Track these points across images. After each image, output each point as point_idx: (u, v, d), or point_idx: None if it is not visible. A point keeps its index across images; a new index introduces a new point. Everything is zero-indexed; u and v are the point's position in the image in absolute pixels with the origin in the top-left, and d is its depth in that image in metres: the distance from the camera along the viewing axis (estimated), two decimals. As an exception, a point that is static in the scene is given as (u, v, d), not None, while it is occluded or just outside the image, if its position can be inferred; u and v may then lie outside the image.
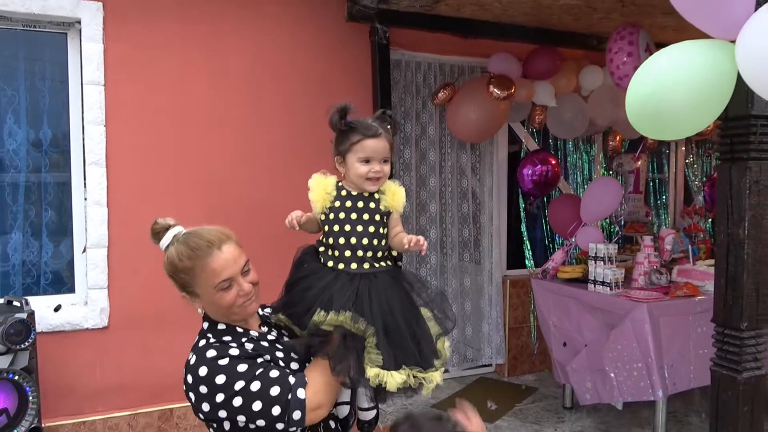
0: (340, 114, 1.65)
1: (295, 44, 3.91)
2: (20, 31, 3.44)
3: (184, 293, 1.55)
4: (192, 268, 1.50)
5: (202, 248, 1.51)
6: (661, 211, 5.81)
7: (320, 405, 1.47)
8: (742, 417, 2.05)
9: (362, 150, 1.64)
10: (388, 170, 1.68)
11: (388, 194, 1.70)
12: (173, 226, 1.57)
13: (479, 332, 4.82)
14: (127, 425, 3.55)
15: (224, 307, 1.52)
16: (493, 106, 4.15)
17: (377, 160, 1.65)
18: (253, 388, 1.42)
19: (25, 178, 3.53)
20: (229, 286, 1.51)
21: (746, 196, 1.99)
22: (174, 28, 3.59)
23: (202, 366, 1.44)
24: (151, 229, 1.58)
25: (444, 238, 4.63)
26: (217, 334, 1.55)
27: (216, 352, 1.46)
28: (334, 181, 1.71)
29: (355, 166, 1.65)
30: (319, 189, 1.67)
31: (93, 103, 3.42)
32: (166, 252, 1.55)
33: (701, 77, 1.76)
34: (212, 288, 1.50)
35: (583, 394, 3.66)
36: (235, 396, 1.41)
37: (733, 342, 2.09)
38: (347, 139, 1.66)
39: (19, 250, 3.54)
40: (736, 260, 2.04)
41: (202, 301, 1.54)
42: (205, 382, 1.43)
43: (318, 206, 1.67)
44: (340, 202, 1.67)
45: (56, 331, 3.38)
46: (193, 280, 1.51)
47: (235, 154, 3.77)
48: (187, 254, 1.51)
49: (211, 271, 1.49)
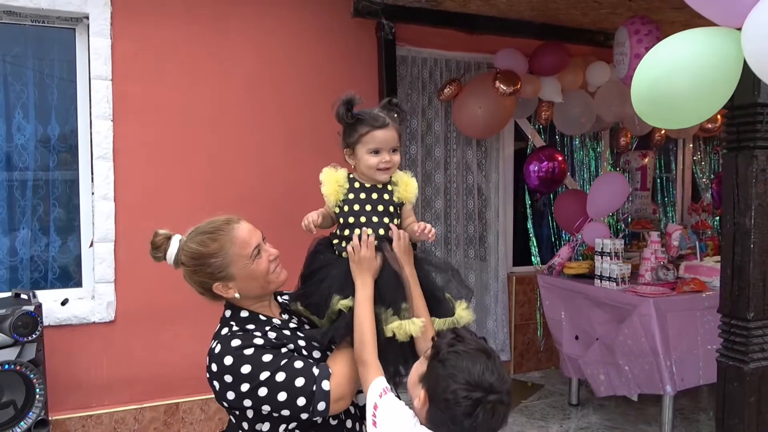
0: (346, 106, 1.64)
1: (300, 40, 3.92)
2: (29, 27, 3.46)
3: (216, 282, 1.52)
4: (222, 248, 1.50)
5: (222, 227, 1.52)
6: (669, 208, 5.78)
7: (343, 396, 1.49)
8: (748, 408, 2.04)
9: (372, 141, 1.64)
10: (397, 160, 1.69)
11: (400, 185, 1.71)
12: (173, 235, 1.57)
13: (484, 329, 4.80)
14: (133, 419, 3.56)
15: (262, 275, 1.54)
16: (499, 101, 4.14)
17: (386, 150, 1.65)
18: (278, 378, 1.42)
19: (33, 173, 3.55)
20: (259, 253, 1.54)
21: (753, 184, 1.97)
22: (181, 23, 3.61)
23: (228, 355, 1.44)
24: (152, 243, 1.56)
25: (449, 234, 4.62)
26: (240, 322, 1.55)
27: (240, 341, 1.46)
28: (345, 173, 1.71)
29: (365, 158, 1.65)
30: (331, 182, 1.68)
31: (100, 97, 3.44)
32: (179, 256, 1.53)
33: (707, 65, 1.76)
34: (247, 259, 1.51)
35: (598, 387, 3.65)
36: (260, 386, 1.42)
37: (740, 332, 2.07)
38: (355, 131, 1.66)
39: (27, 244, 3.56)
40: (742, 250, 2.02)
41: (238, 281, 1.53)
42: (230, 371, 1.43)
43: (332, 200, 1.67)
44: (354, 194, 1.67)
45: (63, 325, 3.40)
46: (225, 259, 1.51)
47: (241, 148, 3.78)
48: (210, 238, 1.51)
49: (241, 242, 1.51)
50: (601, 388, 3.63)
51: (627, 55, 3.66)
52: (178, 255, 1.54)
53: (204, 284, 1.54)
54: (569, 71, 4.40)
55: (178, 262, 1.55)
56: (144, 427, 3.58)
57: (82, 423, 3.45)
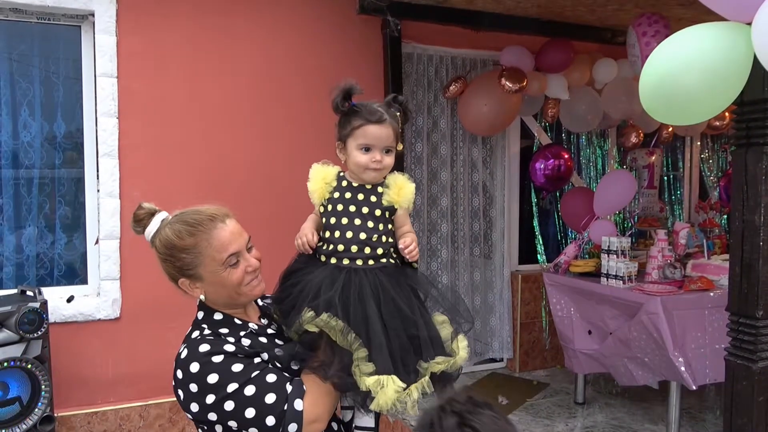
0: (343, 95, 1.52)
1: (306, 37, 3.91)
2: (35, 24, 3.47)
3: (183, 278, 1.42)
4: (195, 245, 1.39)
5: (204, 223, 1.40)
6: (676, 206, 5.75)
7: (318, 417, 1.35)
8: (757, 407, 2.02)
9: (363, 136, 1.52)
10: (389, 162, 1.54)
11: (393, 188, 1.56)
12: (158, 211, 1.47)
13: (488, 327, 4.79)
14: (138, 416, 3.56)
15: (232, 286, 1.41)
16: (505, 99, 4.12)
17: (379, 149, 1.52)
18: (247, 392, 1.30)
19: (39, 171, 3.56)
20: (236, 262, 1.41)
21: (762, 181, 1.95)
22: (186, 20, 3.61)
23: (194, 362, 1.32)
24: (134, 215, 1.45)
25: (455, 232, 4.61)
26: (213, 324, 1.44)
27: (209, 347, 1.34)
28: (336, 171, 1.60)
29: (354, 154, 1.53)
30: (318, 179, 1.57)
31: (106, 95, 3.44)
32: (155, 237, 1.43)
33: (716, 60, 1.74)
34: (219, 265, 1.39)
35: (621, 378, 3.67)
36: (227, 399, 1.29)
37: (748, 331, 2.05)
38: (349, 123, 1.54)
39: (33, 241, 3.57)
40: (751, 247, 2.00)
41: (205, 283, 1.42)
42: (195, 379, 1.31)
43: (316, 197, 1.57)
44: (339, 193, 1.55)
45: (69, 322, 3.40)
46: (197, 258, 1.39)
47: (246, 146, 3.77)
48: (187, 231, 1.39)
49: (218, 245, 1.39)
50: (624, 378, 3.64)
51: (638, 57, 3.64)
52: (155, 236, 1.44)
53: (172, 276, 1.44)
54: (576, 68, 4.37)
55: (154, 244, 1.45)
56: (149, 424, 3.59)
57: (88, 420, 3.45)
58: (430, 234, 4.53)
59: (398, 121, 1.57)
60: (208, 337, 1.40)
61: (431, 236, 4.53)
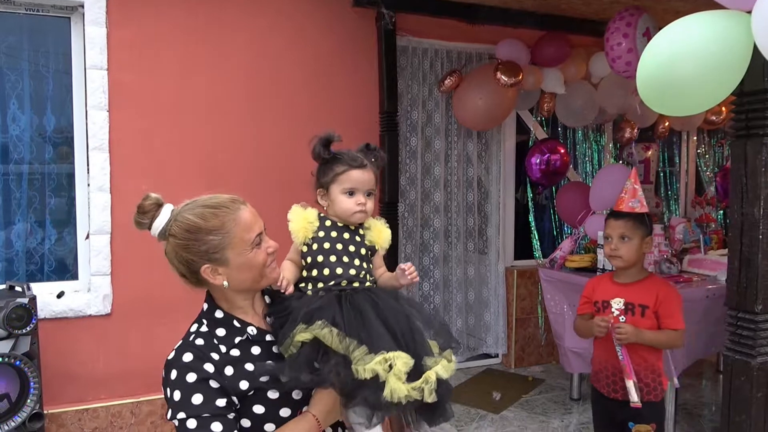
0: (323, 143, 1.58)
1: (299, 29, 3.86)
2: (23, 16, 3.41)
3: (207, 263, 1.36)
4: (223, 226, 1.36)
5: (227, 204, 1.40)
6: (672, 201, 5.73)
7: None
8: (755, 403, 1.99)
9: (348, 181, 1.58)
10: (371, 205, 1.62)
11: (373, 230, 1.64)
12: (165, 203, 1.42)
13: (482, 322, 4.77)
14: (130, 413, 3.52)
15: (258, 267, 1.40)
16: (501, 93, 4.08)
17: (362, 192, 1.59)
18: (189, 425, 1.27)
19: (28, 165, 3.50)
20: (260, 243, 1.41)
21: (762, 173, 1.92)
22: (177, 11, 3.55)
23: (174, 369, 1.33)
24: (139, 207, 1.39)
25: (449, 227, 4.58)
26: (213, 323, 1.42)
27: (192, 358, 1.32)
28: (316, 212, 1.63)
29: (340, 199, 1.59)
30: (300, 219, 1.60)
31: (96, 87, 3.39)
32: (170, 227, 1.37)
33: (715, 49, 1.71)
34: (248, 245, 1.38)
35: None
36: (177, 420, 1.28)
37: (747, 326, 2.02)
38: (331, 170, 1.60)
39: (22, 237, 3.52)
40: (750, 241, 1.97)
41: (230, 267, 1.37)
42: (170, 385, 1.32)
43: (300, 236, 1.58)
44: (325, 232, 1.59)
45: (59, 318, 3.35)
46: (225, 238, 1.36)
47: (239, 138, 3.73)
48: (211, 212, 1.37)
49: (245, 225, 1.38)
50: None
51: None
52: (167, 226, 1.38)
53: (191, 264, 1.37)
54: (572, 62, 4.34)
55: (166, 234, 1.39)
56: (141, 420, 3.55)
57: (78, 417, 3.41)
58: (423, 229, 4.50)
59: (376, 166, 1.64)
60: (200, 338, 1.38)
61: (424, 231, 4.51)
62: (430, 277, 4.55)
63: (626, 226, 2.34)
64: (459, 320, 4.64)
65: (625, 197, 2.40)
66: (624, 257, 2.34)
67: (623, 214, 2.37)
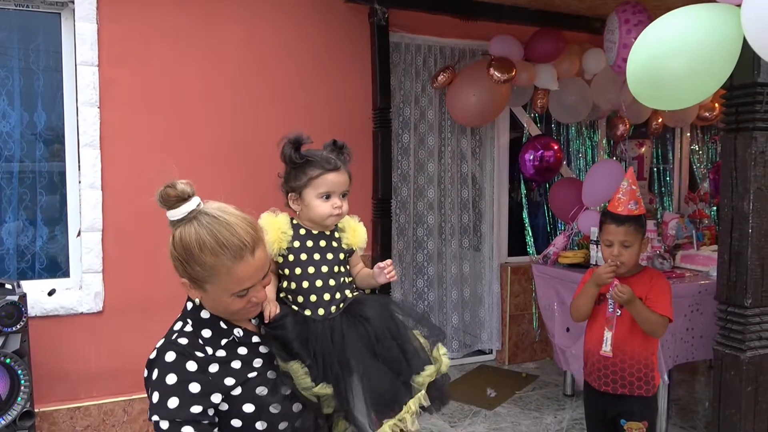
0: (294, 146, 1.54)
1: (291, 25, 3.85)
2: (13, 11, 3.39)
3: (187, 281, 1.33)
4: (213, 267, 1.27)
5: (233, 249, 1.27)
6: (666, 197, 5.74)
7: None
8: (745, 397, 1.99)
9: (323, 185, 1.55)
10: (347, 207, 1.60)
11: (348, 231, 1.63)
12: (192, 196, 1.30)
13: (477, 319, 4.77)
14: (122, 411, 3.51)
15: (230, 312, 1.36)
16: (494, 89, 4.07)
17: (337, 195, 1.57)
18: (162, 426, 1.26)
19: (19, 162, 3.48)
20: (245, 294, 1.33)
21: (751, 167, 1.92)
22: (168, 6, 3.53)
23: (156, 368, 1.29)
24: (162, 194, 1.29)
25: (443, 224, 4.57)
26: (198, 323, 1.37)
27: (174, 357, 1.29)
28: (287, 218, 1.60)
29: (315, 204, 1.56)
30: (274, 229, 1.55)
31: (86, 84, 3.37)
32: (178, 228, 1.30)
33: (705, 42, 1.70)
34: (229, 293, 1.31)
35: (581, 381, 3.60)
36: (154, 419, 1.26)
37: (737, 320, 2.02)
38: (304, 174, 1.56)
39: (13, 234, 3.50)
40: (740, 235, 1.97)
41: (207, 295, 1.33)
42: (150, 385, 1.29)
43: (275, 247, 1.54)
44: (300, 242, 1.57)
45: (50, 316, 3.34)
46: (210, 277, 1.29)
47: (230, 135, 3.71)
48: (212, 249, 1.26)
49: (235, 279, 1.29)
50: None
51: (616, 43, 3.59)
52: (178, 225, 1.30)
53: (176, 268, 1.35)
54: (565, 58, 4.33)
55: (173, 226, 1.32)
56: (133, 418, 3.53)
57: (70, 415, 3.39)
58: (417, 226, 4.49)
59: (346, 164, 1.62)
60: (184, 337, 1.34)
61: (418, 228, 4.50)
62: (424, 274, 4.54)
63: (627, 232, 2.33)
64: (454, 317, 4.63)
65: (623, 199, 2.39)
66: (627, 264, 2.34)
67: (623, 219, 2.36)
